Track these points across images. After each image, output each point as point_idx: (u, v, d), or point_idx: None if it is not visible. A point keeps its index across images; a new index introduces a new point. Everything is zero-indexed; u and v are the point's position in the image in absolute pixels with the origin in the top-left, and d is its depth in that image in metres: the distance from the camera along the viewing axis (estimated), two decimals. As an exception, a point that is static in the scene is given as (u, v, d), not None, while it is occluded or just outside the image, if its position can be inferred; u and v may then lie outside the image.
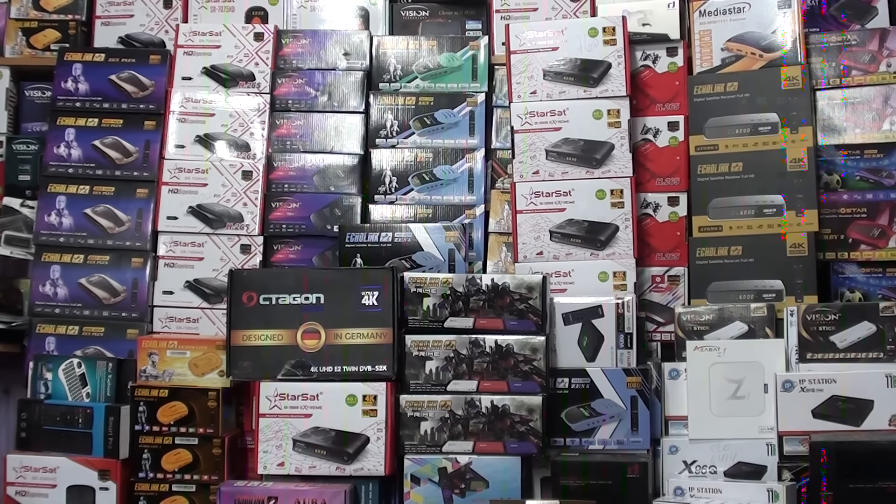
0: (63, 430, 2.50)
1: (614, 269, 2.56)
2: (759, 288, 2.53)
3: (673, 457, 2.41)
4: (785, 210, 2.54)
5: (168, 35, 2.91)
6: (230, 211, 2.72)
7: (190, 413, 2.47)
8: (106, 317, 2.69)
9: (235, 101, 2.79)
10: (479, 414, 2.40)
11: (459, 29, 2.90)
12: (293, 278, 2.47)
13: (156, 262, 2.72)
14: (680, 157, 2.65)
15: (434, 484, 2.39)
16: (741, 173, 2.59)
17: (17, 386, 2.79)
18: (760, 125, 2.59)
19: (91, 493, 2.47)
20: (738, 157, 2.60)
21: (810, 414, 2.33)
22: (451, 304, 2.46)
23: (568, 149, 2.62)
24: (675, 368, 2.47)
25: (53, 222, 2.73)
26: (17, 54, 2.94)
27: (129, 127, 2.78)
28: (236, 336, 2.46)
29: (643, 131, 2.67)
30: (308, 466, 2.40)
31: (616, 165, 2.60)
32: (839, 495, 2.16)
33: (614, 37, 2.63)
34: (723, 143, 2.62)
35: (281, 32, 2.86)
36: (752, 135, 2.60)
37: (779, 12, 2.63)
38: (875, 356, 2.38)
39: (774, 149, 2.57)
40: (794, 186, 2.54)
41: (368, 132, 2.78)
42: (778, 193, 2.55)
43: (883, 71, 2.60)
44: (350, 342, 2.42)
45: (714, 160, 2.62)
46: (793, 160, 2.55)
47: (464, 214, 2.69)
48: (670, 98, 2.68)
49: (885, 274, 2.54)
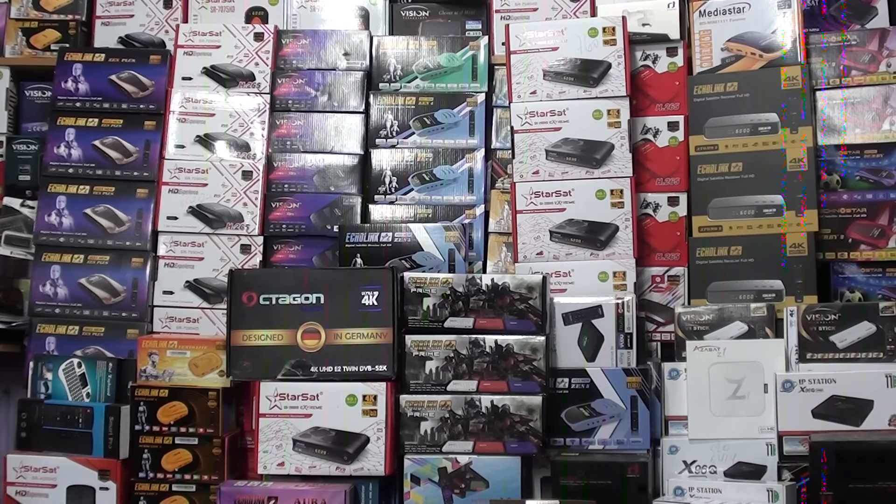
0: (63, 430, 2.50)
1: (614, 269, 2.56)
2: (759, 288, 2.53)
3: (673, 457, 2.41)
4: (785, 210, 2.54)
5: (168, 35, 2.91)
6: (230, 211, 2.72)
7: (190, 413, 2.47)
8: (106, 317, 2.69)
9: (235, 101, 2.79)
10: (479, 414, 2.40)
11: (459, 29, 2.90)
12: (293, 278, 2.47)
13: (156, 262, 2.72)
14: (680, 157, 2.65)
15: (434, 484, 2.39)
16: (741, 173, 2.59)
17: (17, 386, 2.78)
18: (760, 125, 2.59)
19: (91, 493, 2.47)
20: (738, 157, 2.60)
21: (810, 414, 2.33)
22: (451, 304, 2.46)
23: (568, 149, 2.61)
24: (675, 368, 2.47)
25: (53, 222, 2.73)
26: (17, 54, 2.93)
27: (130, 127, 2.78)
28: (236, 336, 2.46)
29: (643, 131, 2.67)
30: (308, 466, 2.40)
31: (616, 165, 2.60)
32: (839, 495, 2.16)
33: (614, 37, 2.63)
34: (723, 143, 2.62)
35: (281, 32, 2.86)
36: (752, 135, 2.60)
37: (779, 12, 2.63)
38: (875, 356, 2.38)
39: (774, 149, 2.57)
40: (794, 186, 2.54)
41: (368, 132, 2.78)
42: (778, 193, 2.55)
43: (883, 71, 2.60)
44: (350, 342, 2.42)
45: (714, 160, 2.62)
46: (793, 160, 2.55)
47: (464, 214, 2.69)
48: (670, 98, 2.68)
49: (885, 274, 2.54)
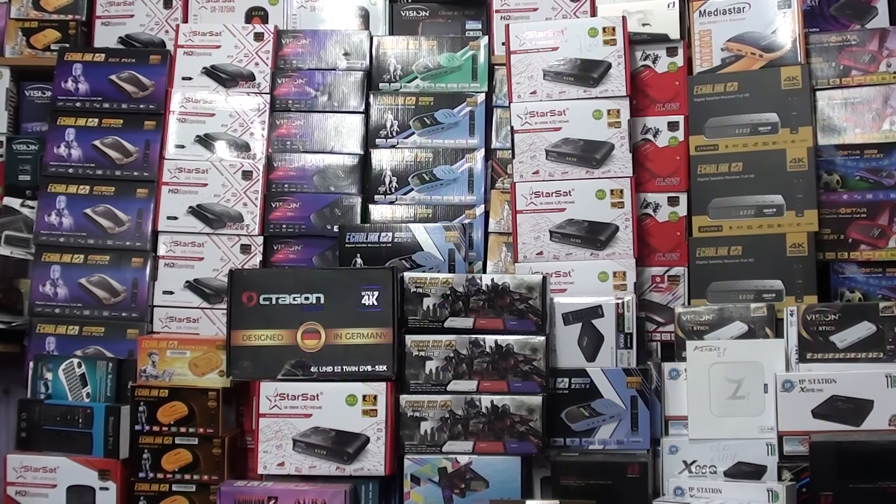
0: (63, 430, 2.50)
1: (614, 269, 2.56)
2: (759, 288, 2.53)
3: (673, 457, 2.41)
4: (785, 210, 2.54)
5: (168, 35, 2.91)
6: (230, 211, 2.72)
7: (190, 413, 2.47)
8: (106, 317, 2.69)
9: (235, 101, 2.79)
10: (479, 414, 2.40)
11: (459, 29, 2.90)
12: (293, 278, 2.47)
13: (156, 262, 2.72)
14: (680, 157, 2.65)
15: (434, 484, 2.39)
16: (741, 173, 2.59)
17: (17, 386, 2.79)
18: (760, 125, 2.59)
19: (91, 493, 2.47)
20: (738, 157, 2.60)
21: (810, 414, 2.33)
22: (451, 304, 2.46)
23: (568, 149, 2.61)
24: (675, 368, 2.47)
25: (53, 222, 2.73)
26: (17, 54, 2.93)
27: (129, 127, 2.78)
28: (236, 336, 2.46)
29: (643, 131, 2.67)
30: (308, 466, 2.40)
31: (616, 165, 2.60)
32: (839, 495, 2.16)
33: (614, 37, 2.63)
34: (723, 143, 2.62)
35: (281, 32, 2.86)
36: (752, 135, 2.59)
37: (779, 12, 2.63)
38: (875, 356, 2.38)
39: (774, 149, 2.57)
40: (794, 186, 2.54)
41: (368, 132, 2.78)
42: (778, 193, 2.55)
43: (883, 71, 2.60)
44: (350, 342, 2.42)
45: (714, 160, 2.62)
46: (793, 160, 2.55)
47: (464, 214, 2.69)
48: (670, 98, 2.68)
49: (885, 274, 2.53)
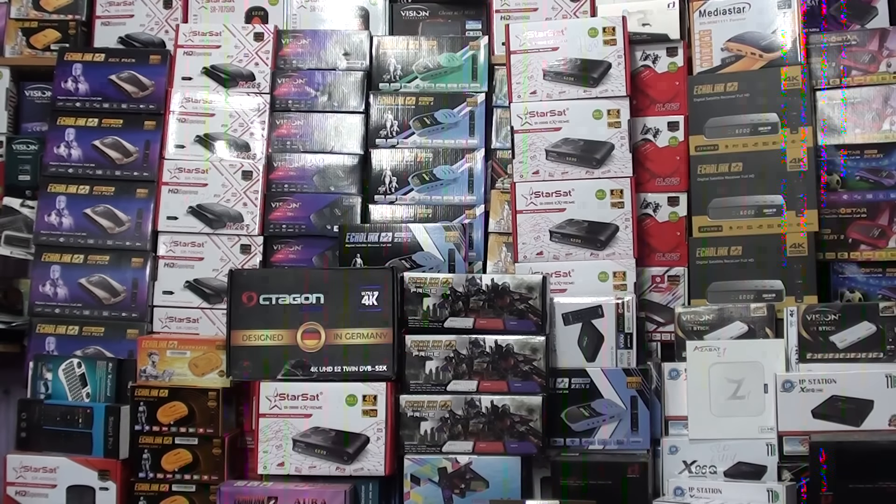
0: (63, 430, 2.50)
1: (614, 269, 2.56)
2: (759, 288, 2.53)
3: (673, 457, 2.41)
4: (785, 210, 2.54)
5: (168, 35, 2.91)
6: (230, 211, 2.72)
7: (190, 413, 2.47)
8: (106, 317, 2.69)
9: (235, 101, 2.79)
10: (479, 414, 2.40)
11: (459, 29, 2.90)
12: (293, 278, 2.47)
13: (156, 262, 2.72)
14: (680, 157, 2.65)
15: (434, 484, 2.39)
16: (741, 173, 2.59)
17: (17, 386, 2.78)
18: (760, 125, 2.59)
19: (91, 493, 2.47)
20: (738, 157, 2.60)
21: (810, 414, 2.33)
22: (451, 304, 2.46)
23: (568, 149, 2.61)
24: (675, 368, 2.47)
25: (53, 222, 2.73)
26: (17, 54, 2.93)
27: (129, 127, 2.78)
28: (236, 336, 2.46)
29: (643, 131, 2.67)
30: (308, 466, 2.40)
31: (616, 165, 2.60)
32: (839, 495, 2.16)
33: (614, 37, 2.63)
34: (723, 143, 2.62)
35: (281, 32, 2.86)
36: (752, 135, 2.59)
37: (779, 12, 2.63)
38: (875, 356, 2.38)
39: (774, 149, 2.57)
40: (794, 186, 2.54)
41: (368, 132, 2.78)
42: (778, 193, 2.55)
43: (883, 71, 2.60)
44: (350, 342, 2.42)
45: (714, 160, 2.62)
46: (793, 160, 2.55)
47: (464, 214, 2.69)
48: (670, 98, 2.68)
49: (885, 274, 2.53)
